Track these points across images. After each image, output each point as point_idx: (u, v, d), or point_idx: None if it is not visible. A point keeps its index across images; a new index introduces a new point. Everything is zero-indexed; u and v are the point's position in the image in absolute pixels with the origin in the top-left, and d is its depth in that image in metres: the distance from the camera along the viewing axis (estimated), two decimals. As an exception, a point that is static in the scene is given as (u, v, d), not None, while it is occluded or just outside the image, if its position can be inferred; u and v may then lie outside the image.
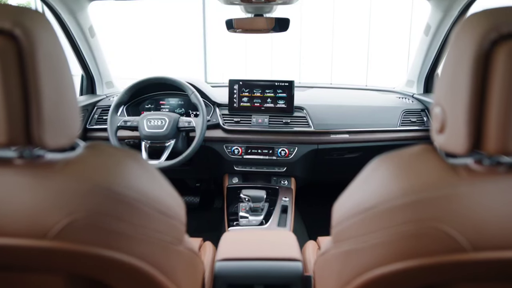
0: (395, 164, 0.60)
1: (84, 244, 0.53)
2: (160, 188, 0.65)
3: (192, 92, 1.58)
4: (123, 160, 0.61)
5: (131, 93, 1.61)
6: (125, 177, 0.58)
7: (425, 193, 0.53)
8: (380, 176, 0.60)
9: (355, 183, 0.66)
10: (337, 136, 1.70)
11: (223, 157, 1.74)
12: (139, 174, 0.61)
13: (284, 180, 1.77)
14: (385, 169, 0.60)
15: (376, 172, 0.62)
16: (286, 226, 1.45)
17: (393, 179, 0.57)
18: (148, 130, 1.55)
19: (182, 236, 0.71)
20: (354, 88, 2.15)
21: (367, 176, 0.64)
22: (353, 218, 0.62)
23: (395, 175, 0.58)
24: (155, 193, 0.62)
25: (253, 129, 1.71)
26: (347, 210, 0.64)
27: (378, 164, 0.63)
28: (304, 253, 1.28)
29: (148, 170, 0.64)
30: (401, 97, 1.92)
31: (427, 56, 1.76)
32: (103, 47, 1.87)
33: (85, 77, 1.89)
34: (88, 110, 1.77)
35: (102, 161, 0.59)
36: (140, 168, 0.62)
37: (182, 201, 0.73)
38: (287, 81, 1.70)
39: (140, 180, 0.60)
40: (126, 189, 0.56)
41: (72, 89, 0.60)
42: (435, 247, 0.51)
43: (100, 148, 0.62)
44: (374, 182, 0.60)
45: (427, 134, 1.76)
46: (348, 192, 0.68)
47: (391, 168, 0.60)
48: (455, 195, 0.51)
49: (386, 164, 0.61)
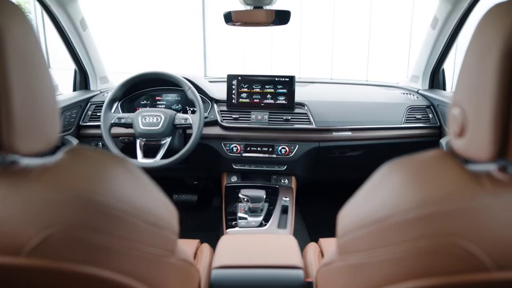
0: (408, 171, 0.54)
1: (63, 260, 0.47)
2: (150, 197, 0.59)
3: (189, 87, 1.52)
4: (107, 166, 0.55)
5: (125, 89, 1.55)
6: (109, 185, 0.52)
7: (444, 205, 0.47)
8: (392, 185, 0.54)
9: (362, 190, 0.61)
10: (339, 133, 1.65)
11: (221, 155, 1.68)
12: (125, 181, 0.55)
13: (284, 179, 1.72)
14: (397, 176, 0.54)
15: (387, 179, 0.56)
16: (286, 228, 1.40)
17: (407, 188, 0.52)
18: (143, 127, 1.49)
19: (174, 246, 0.65)
20: (357, 84, 2.09)
21: (376, 183, 0.58)
22: (361, 230, 0.56)
23: (408, 184, 0.52)
24: (143, 202, 0.56)
25: (252, 126, 1.65)
26: (354, 221, 0.59)
27: (389, 170, 0.57)
28: (305, 256, 1.23)
29: (136, 176, 0.58)
30: (406, 93, 1.86)
31: (433, 51, 1.69)
32: (97, 40, 1.81)
33: (78, 72, 1.83)
34: (82, 106, 1.71)
35: (84, 167, 0.53)
36: (127, 175, 0.57)
37: (175, 209, 0.67)
38: (288, 76, 1.64)
39: (126, 188, 0.55)
40: (110, 198, 0.51)
41: (50, 89, 0.54)
42: (454, 265, 0.46)
43: (82, 153, 0.56)
44: (384, 191, 0.55)
45: (432, 132, 1.70)
46: (355, 200, 0.62)
47: (404, 176, 0.54)
48: (478, 208, 0.46)
49: (398, 170, 0.55)
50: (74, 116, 1.66)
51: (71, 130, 1.64)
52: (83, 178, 0.51)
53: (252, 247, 0.99)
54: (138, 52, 6.39)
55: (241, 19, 1.49)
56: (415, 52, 1.88)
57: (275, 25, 1.50)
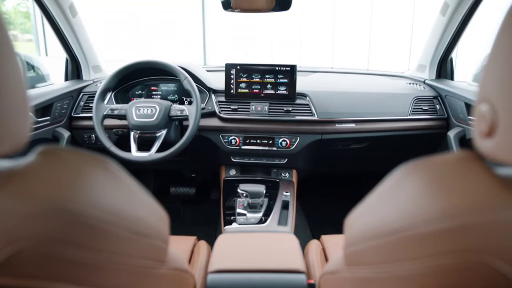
0: (428, 175, 0.47)
1: (33, 278, 0.41)
2: (135, 202, 0.53)
3: (185, 77, 1.44)
4: (85, 169, 0.48)
5: (119, 78, 1.48)
6: (87, 192, 0.46)
7: (471, 217, 0.40)
8: (409, 191, 0.47)
9: (374, 196, 0.54)
10: (343, 125, 1.58)
11: (219, 148, 1.61)
12: (106, 186, 0.49)
13: (285, 172, 1.65)
14: (415, 181, 0.48)
15: (403, 184, 0.49)
16: (287, 225, 1.34)
17: (427, 196, 0.45)
18: (137, 119, 1.42)
19: (164, 255, 0.59)
20: (361, 73, 2.01)
21: (391, 189, 0.51)
22: (372, 241, 0.50)
23: (429, 191, 0.45)
24: (127, 210, 0.50)
25: (252, 117, 1.58)
26: (364, 230, 0.52)
27: (405, 174, 0.50)
28: (307, 255, 1.18)
29: (119, 180, 0.52)
30: (412, 83, 1.78)
31: (442, 38, 1.61)
32: (90, 27, 1.72)
33: (69, 61, 1.75)
34: (73, 96, 1.64)
35: (59, 171, 0.47)
36: (109, 179, 0.50)
37: (165, 213, 0.61)
38: (289, 65, 1.57)
39: (107, 194, 0.48)
40: (88, 207, 0.44)
41: (17, 80, 0.47)
42: (482, 286, 0.39)
43: (57, 155, 0.49)
44: (400, 198, 0.48)
45: (439, 124, 1.63)
46: (365, 206, 0.55)
47: (423, 181, 0.47)
48: (510, 221, 0.39)
49: (416, 174, 0.48)
50: (65, 107, 1.58)
51: (62, 121, 1.57)
52: (57, 185, 0.44)
53: (251, 248, 0.93)
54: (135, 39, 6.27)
55: (240, 5, 1.41)
56: (417, 41, 1.80)
57: (276, 11, 1.41)
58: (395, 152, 1.75)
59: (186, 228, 2.14)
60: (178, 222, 2.18)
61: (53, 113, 1.50)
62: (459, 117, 1.53)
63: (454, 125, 1.57)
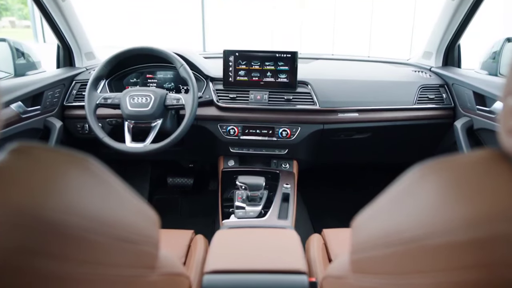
0: (448, 177, 0.42)
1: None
2: (120, 205, 0.47)
3: (181, 64, 1.38)
4: (64, 170, 0.43)
5: (112, 66, 1.41)
6: (65, 196, 0.40)
7: (500, 226, 0.35)
8: (426, 196, 0.42)
9: (386, 198, 0.49)
10: (346, 115, 1.52)
11: (217, 138, 1.56)
12: (88, 189, 0.43)
13: (285, 163, 1.60)
14: (433, 185, 0.42)
15: (420, 187, 0.44)
16: (287, 219, 1.29)
17: (448, 202, 0.39)
18: (131, 108, 1.36)
19: (154, 261, 0.54)
20: (364, 60, 1.94)
21: (405, 191, 0.45)
22: (383, 249, 0.45)
23: (450, 196, 0.40)
24: (113, 214, 0.45)
25: (251, 106, 1.52)
26: (374, 235, 0.47)
27: (422, 176, 0.44)
28: (308, 250, 1.13)
29: (103, 181, 0.46)
30: (417, 71, 1.72)
31: (450, 24, 1.53)
32: (84, 12, 1.65)
33: (61, 47, 1.68)
34: (65, 85, 1.57)
35: (31, 173, 0.41)
36: (91, 181, 0.44)
37: (155, 215, 0.56)
38: (290, 52, 1.50)
39: (89, 198, 0.42)
40: (66, 214, 0.39)
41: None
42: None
43: (31, 153, 0.43)
44: (417, 202, 0.43)
45: (446, 113, 1.57)
46: (374, 210, 0.50)
47: (443, 184, 0.41)
48: None
49: (435, 176, 0.43)
50: (57, 96, 1.52)
51: (54, 111, 1.52)
52: (29, 189, 0.39)
53: (249, 245, 0.89)
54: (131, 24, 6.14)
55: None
56: (419, 28, 1.72)
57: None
58: (399, 142, 1.70)
59: (184, 219, 2.10)
60: (175, 213, 2.14)
61: (44, 102, 1.44)
62: (466, 106, 1.48)
63: (461, 114, 1.52)
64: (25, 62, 1.57)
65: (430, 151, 1.75)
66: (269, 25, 6.31)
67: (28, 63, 1.58)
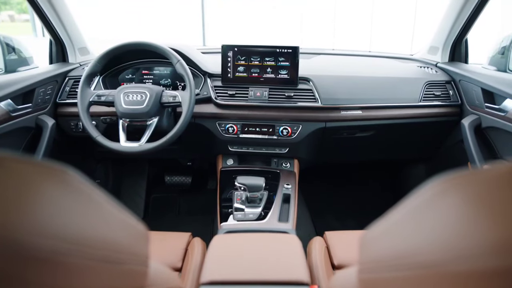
0: (472, 194, 0.36)
1: None
2: (104, 221, 0.42)
3: (178, 60, 1.32)
4: (38, 185, 0.37)
5: (105, 62, 1.35)
6: (38, 215, 0.35)
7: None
8: (449, 213, 0.37)
9: (399, 214, 0.43)
10: (348, 112, 1.46)
11: (215, 136, 1.51)
12: (65, 206, 0.38)
13: (286, 162, 1.55)
14: (454, 202, 0.37)
15: (438, 205, 0.38)
16: (288, 221, 1.24)
17: (472, 223, 0.34)
18: (125, 106, 1.30)
19: (144, 280, 0.49)
20: (367, 55, 1.88)
21: (421, 208, 0.40)
22: (397, 272, 0.40)
23: (474, 216, 0.35)
24: (93, 233, 0.39)
25: (251, 104, 1.46)
26: (386, 255, 0.42)
27: (441, 191, 0.39)
28: (310, 253, 1.09)
29: (82, 196, 0.41)
30: (423, 67, 1.66)
31: (459, 17, 1.47)
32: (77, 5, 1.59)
33: (54, 42, 1.62)
34: (58, 81, 1.52)
35: (0, 188, 0.36)
36: (68, 196, 0.39)
37: (144, 228, 0.51)
38: (291, 47, 1.44)
39: (66, 216, 0.37)
40: (38, 236, 0.34)
41: None
42: None
43: (1, 165, 0.38)
44: (437, 221, 0.37)
45: (453, 111, 1.51)
46: (386, 225, 0.45)
47: (466, 202, 0.36)
48: None
49: (456, 193, 0.37)
50: (49, 93, 1.47)
51: (46, 108, 1.46)
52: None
53: (248, 253, 0.84)
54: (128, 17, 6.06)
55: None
56: (421, 22, 1.66)
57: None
58: (403, 140, 1.65)
59: (182, 219, 2.05)
60: (173, 212, 2.10)
61: (35, 99, 1.38)
62: (474, 103, 1.42)
63: (468, 112, 1.46)
64: (16, 57, 1.51)
65: (435, 149, 1.69)
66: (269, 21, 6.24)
67: (20, 59, 1.53)
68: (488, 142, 1.40)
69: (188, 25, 6.67)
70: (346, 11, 6.12)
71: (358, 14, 6.14)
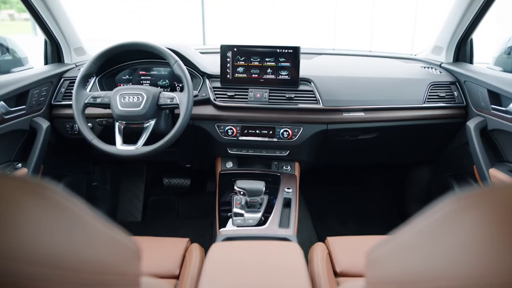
0: (495, 213, 0.33)
1: None
2: (89, 239, 0.39)
3: (175, 61, 1.28)
4: (14, 202, 0.34)
5: (101, 62, 1.32)
6: (14, 237, 0.31)
7: None
8: (470, 235, 0.33)
9: (412, 231, 0.40)
10: (351, 114, 1.43)
11: (214, 139, 1.47)
12: (45, 225, 0.34)
13: (286, 165, 1.52)
14: (478, 221, 0.33)
15: (460, 223, 0.35)
16: (289, 227, 1.21)
17: (497, 245, 0.31)
18: (121, 108, 1.27)
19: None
20: (369, 55, 1.84)
21: (439, 226, 0.37)
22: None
23: (499, 238, 0.31)
24: (77, 253, 0.36)
25: (250, 105, 1.43)
26: (397, 276, 0.39)
27: (459, 210, 0.35)
28: (311, 260, 1.05)
29: (64, 212, 0.37)
30: (426, 67, 1.62)
31: (464, 16, 1.43)
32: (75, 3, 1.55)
33: (49, 42, 1.58)
34: (53, 82, 1.48)
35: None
36: (49, 214, 0.35)
37: (135, 246, 0.47)
38: (291, 47, 1.40)
39: (47, 236, 0.34)
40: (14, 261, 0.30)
41: None
42: None
43: None
44: (456, 243, 0.34)
45: (457, 112, 1.48)
46: (398, 242, 0.41)
47: (489, 222, 0.32)
48: None
49: (478, 210, 0.34)
50: (44, 94, 1.43)
51: (41, 110, 1.43)
52: None
53: (247, 264, 0.80)
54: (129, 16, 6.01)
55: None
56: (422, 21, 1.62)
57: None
58: (407, 142, 1.61)
59: (181, 222, 2.02)
60: (172, 215, 2.06)
61: (29, 101, 1.35)
62: (480, 105, 1.38)
63: (473, 114, 1.42)
64: (10, 58, 1.48)
65: (439, 152, 1.66)
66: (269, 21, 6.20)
67: (14, 59, 1.49)
68: (494, 145, 1.36)
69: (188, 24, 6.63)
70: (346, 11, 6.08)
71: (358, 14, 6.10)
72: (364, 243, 1.14)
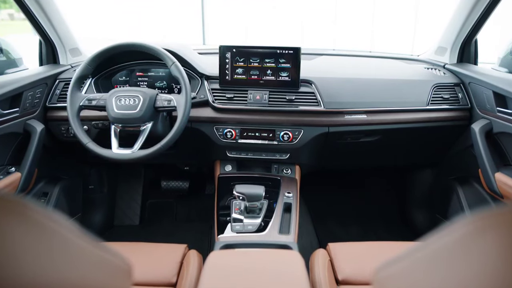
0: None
1: None
2: (73, 260, 0.36)
3: (173, 62, 1.25)
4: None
5: (96, 64, 1.28)
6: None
7: None
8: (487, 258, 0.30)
9: (424, 252, 0.36)
10: (353, 116, 1.39)
11: (213, 141, 1.44)
12: (24, 246, 0.31)
13: (287, 168, 1.48)
14: (498, 244, 0.30)
15: (477, 246, 0.31)
16: (289, 233, 1.17)
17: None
18: (117, 111, 1.23)
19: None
20: (371, 56, 1.81)
21: (454, 248, 0.33)
22: None
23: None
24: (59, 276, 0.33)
25: (250, 107, 1.39)
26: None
27: (478, 230, 0.32)
28: (313, 268, 1.02)
29: (46, 231, 0.34)
30: (430, 68, 1.59)
31: (469, 16, 1.40)
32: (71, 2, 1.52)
33: (43, 43, 1.55)
34: (48, 84, 1.45)
35: None
36: (28, 234, 0.32)
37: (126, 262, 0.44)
38: (292, 48, 1.37)
39: (27, 259, 0.30)
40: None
41: None
42: None
43: None
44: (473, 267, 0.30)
45: (462, 115, 1.44)
46: (408, 262, 0.38)
47: (510, 246, 0.29)
48: None
49: (500, 233, 0.30)
50: (38, 96, 1.40)
51: (35, 113, 1.39)
52: None
53: (247, 272, 0.77)
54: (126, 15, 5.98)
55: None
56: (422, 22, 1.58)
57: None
58: (410, 145, 1.58)
59: (180, 225, 1.98)
60: (171, 218, 2.03)
61: (23, 103, 1.31)
62: (485, 107, 1.35)
63: (478, 116, 1.39)
64: (4, 59, 1.45)
65: (442, 155, 1.62)
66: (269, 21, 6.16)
67: (8, 60, 1.46)
68: (500, 148, 1.32)
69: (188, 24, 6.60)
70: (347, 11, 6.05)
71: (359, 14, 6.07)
72: (366, 250, 1.11)
